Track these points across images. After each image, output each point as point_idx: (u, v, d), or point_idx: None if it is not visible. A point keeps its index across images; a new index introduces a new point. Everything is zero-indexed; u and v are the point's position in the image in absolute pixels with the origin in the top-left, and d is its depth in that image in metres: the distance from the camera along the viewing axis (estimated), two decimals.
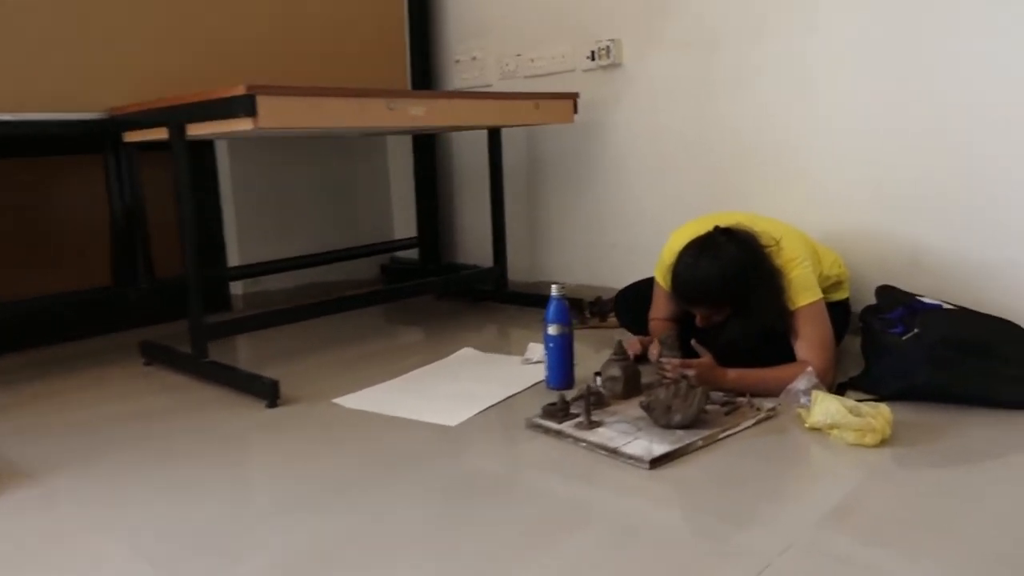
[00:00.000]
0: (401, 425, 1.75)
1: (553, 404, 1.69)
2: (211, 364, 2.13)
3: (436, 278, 3.00)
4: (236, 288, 3.20)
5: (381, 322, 2.93)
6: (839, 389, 1.82)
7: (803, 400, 1.67)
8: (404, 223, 3.58)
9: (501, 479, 1.45)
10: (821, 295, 1.85)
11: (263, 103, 1.82)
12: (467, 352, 2.34)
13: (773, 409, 1.69)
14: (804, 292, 1.82)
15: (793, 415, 1.66)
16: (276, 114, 1.86)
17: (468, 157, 3.27)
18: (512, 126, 2.79)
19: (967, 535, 1.18)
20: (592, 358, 2.07)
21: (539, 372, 1.99)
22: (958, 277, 2.13)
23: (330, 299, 2.58)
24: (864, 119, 2.25)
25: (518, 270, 3.18)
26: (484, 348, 2.34)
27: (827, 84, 2.30)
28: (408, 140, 3.32)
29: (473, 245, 3.33)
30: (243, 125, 1.84)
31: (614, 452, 1.50)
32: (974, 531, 1.19)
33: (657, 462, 1.45)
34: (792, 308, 1.81)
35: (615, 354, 1.83)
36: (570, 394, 1.74)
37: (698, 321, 1.87)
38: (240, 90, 1.80)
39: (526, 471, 1.48)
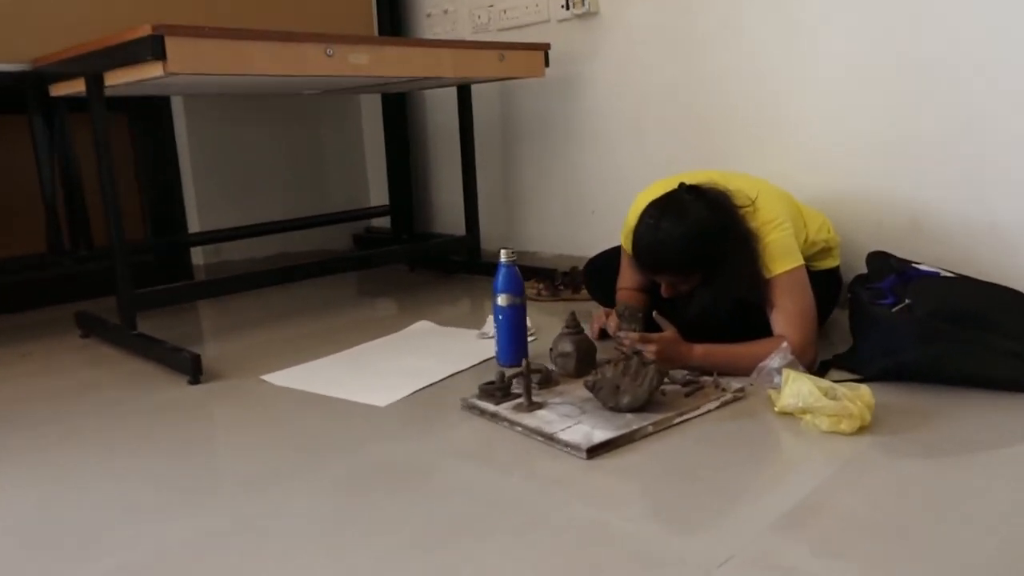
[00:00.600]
0: (326, 405, 1.58)
1: (491, 383, 1.50)
2: (139, 337, 1.96)
3: (400, 247, 2.81)
4: (198, 257, 3.03)
5: (351, 294, 2.76)
6: (822, 368, 1.62)
7: (776, 380, 1.47)
8: (380, 191, 3.38)
9: (416, 469, 1.27)
10: (802, 262, 1.64)
11: (173, 46, 1.63)
12: (423, 325, 2.15)
13: (741, 390, 1.49)
14: (782, 258, 1.61)
15: (764, 397, 1.46)
16: (189, 58, 1.66)
17: (442, 118, 3.07)
18: (478, 81, 2.58)
19: (943, 543, 0.98)
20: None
21: (493, 347, 1.80)
22: (962, 242, 1.91)
23: (273, 270, 2.41)
24: (859, 71, 2.02)
25: (493, 239, 2.98)
26: (455, 322, 2.15)
27: (819, 34, 2.07)
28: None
29: (449, 213, 3.14)
30: (152, 71, 1.66)
31: (550, 438, 1.31)
32: (953, 538, 0.99)
33: (596, 451, 1.26)
34: (768, 276, 1.60)
35: (567, 327, 1.64)
36: (513, 371, 1.54)
37: (663, 291, 1.67)
38: (146, 30, 1.61)
39: (447, 460, 1.29)
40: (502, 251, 1.72)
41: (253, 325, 2.30)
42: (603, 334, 1.85)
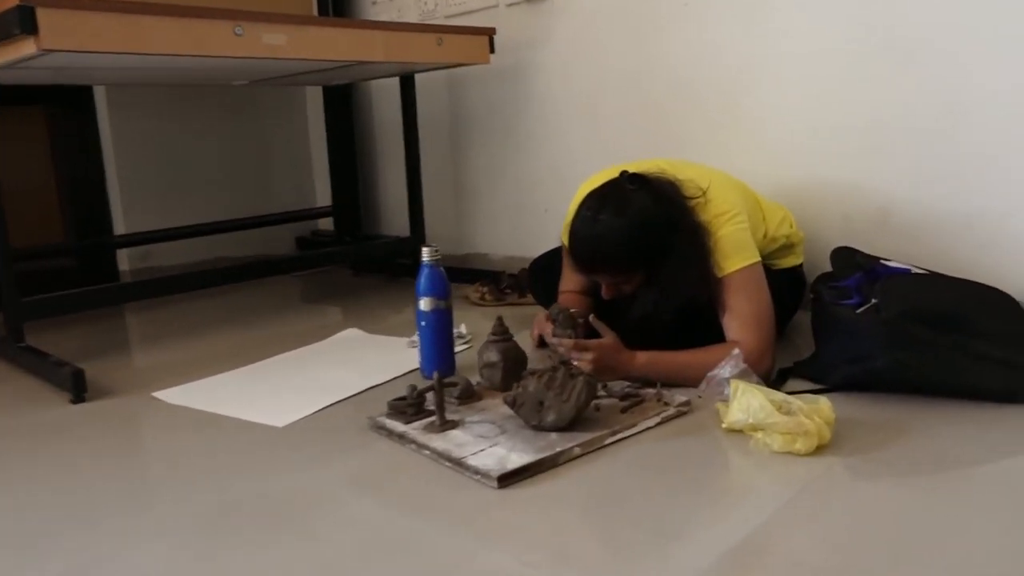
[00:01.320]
0: (217, 426, 1.38)
1: (402, 399, 1.31)
2: (26, 350, 1.75)
3: (339, 250, 2.62)
4: (125, 262, 2.81)
5: (290, 301, 2.55)
6: (780, 377, 1.44)
7: (726, 392, 1.29)
8: (328, 190, 3.18)
9: (300, 503, 1.07)
10: (757, 258, 1.46)
11: (46, 19, 1.43)
12: (350, 333, 1.96)
13: (687, 404, 1.31)
14: (735, 255, 1.43)
15: (712, 411, 1.28)
16: (67, 34, 1.46)
17: (388, 112, 2.87)
18: (419, 69, 2.39)
19: None
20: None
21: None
22: (935, 236, 1.74)
23: (185, 274, 2.22)
24: (826, 57, 1.85)
25: (443, 240, 2.77)
26: (396, 329, 1.95)
27: (784, 18, 1.90)
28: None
29: (397, 213, 2.94)
30: (25, 49, 1.45)
31: (458, 464, 1.12)
32: None
33: (509, 478, 1.07)
34: (720, 275, 1.42)
35: (494, 333, 1.45)
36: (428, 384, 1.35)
37: (603, 292, 1.49)
38: (12, 1, 1.41)
39: (339, 491, 1.10)
40: (424, 249, 1.53)
41: (174, 335, 2.10)
42: (544, 342, 1.67)
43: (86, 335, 2.09)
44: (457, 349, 1.74)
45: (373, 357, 1.73)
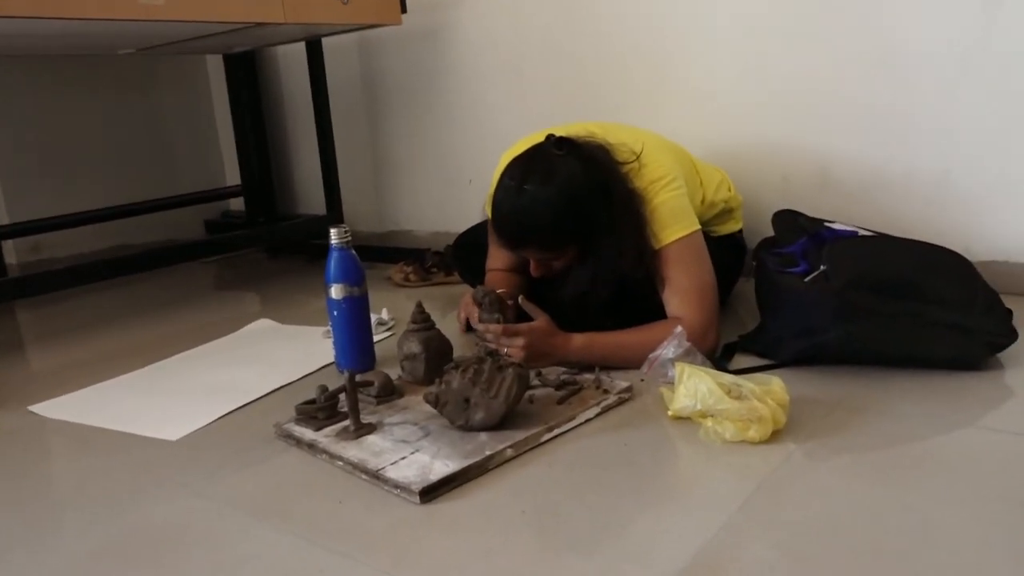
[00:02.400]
0: (101, 444, 1.21)
1: (311, 402, 1.16)
2: None
3: (248, 232, 2.42)
4: (12, 255, 2.55)
5: (199, 290, 2.34)
6: (726, 352, 1.34)
7: (670, 373, 1.18)
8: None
9: (190, 535, 0.92)
10: (697, 226, 1.35)
11: None
12: (260, 325, 1.79)
13: (628, 389, 1.20)
14: (673, 224, 1.32)
15: (656, 396, 1.17)
16: None
17: (297, 82, 2.66)
18: (326, 32, 2.20)
19: None
20: (439, 323, 1.54)
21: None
22: (878, 195, 1.67)
23: (62, 269, 1.99)
24: (758, 16, 1.75)
25: (364, 218, 2.62)
26: (315, 317, 1.77)
27: None
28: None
29: (314, 191, 2.74)
30: None
31: (375, 476, 0.98)
32: None
33: (432, 492, 0.94)
34: (657, 246, 1.31)
35: (413, 321, 1.31)
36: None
37: (532, 269, 1.36)
38: None
39: (235, 518, 0.95)
40: (332, 230, 1.37)
41: (68, 335, 1.89)
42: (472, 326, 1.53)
43: None
44: (378, 337, 1.60)
45: (285, 351, 1.57)
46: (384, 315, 1.70)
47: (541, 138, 1.34)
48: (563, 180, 1.25)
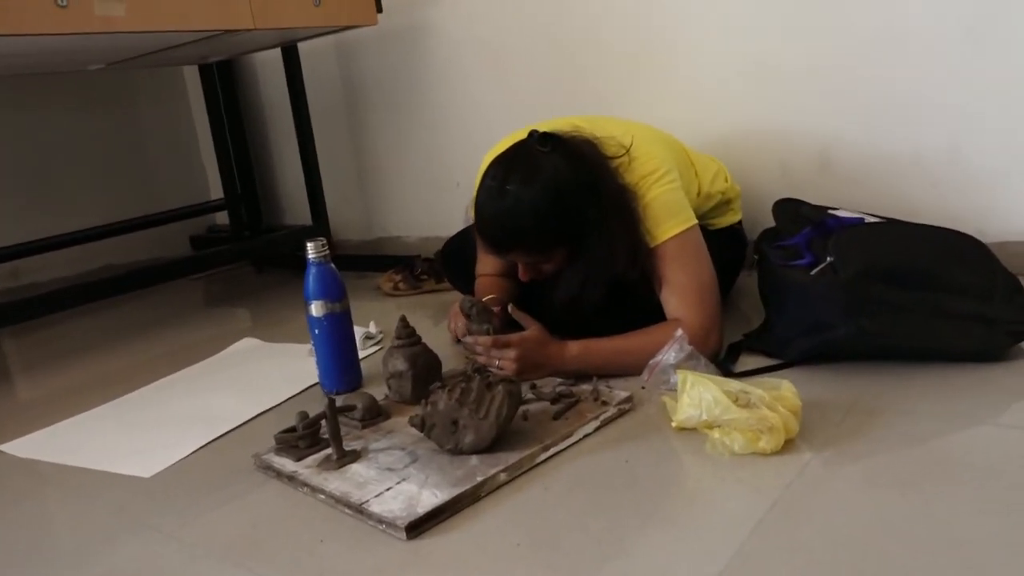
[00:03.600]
0: (72, 483, 1.14)
1: (291, 430, 1.09)
2: None
3: (232, 246, 2.35)
4: None
5: (190, 308, 2.27)
6: (730, 354, 1.27)
7: (672, 380, 1.11)
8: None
9: None
10: (694, 221, 1.27)
11: None
12: (245, 344, 1.71)
13: (628, 399, 1.12)
14: (668, 219, 1.24)
15: (659, 405, 1.10)
16: None
17: (277, 89, 2.59)
18: (300, 37, 2.13)
19: None
20: (435, 334, 1.48)
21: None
22: (882, 179, 1.59)
23: (40, 295, 1.91)
24: None
25: (352, 226, 2.55)
26: (302, 333, 1.69)
27: None
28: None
29: (299, 201, 2.66)
30: None
31: (359, 511, 0.91)
32: None
33: (419, 526, 0.86)
34: (652, 244, 1.23)
35: (398, 337, 1.23)
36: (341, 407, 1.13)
37: (520, 274, 1.29)
38: None
39: (206, 562, 0.88)
40: (308, 244, 1.30)
41: (49, 363, 1.83)
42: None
43: None
44: (365, 353, 1.53)
45: (268, 373, 1.50)
46: (372, 328, 1.62)
47: (524, 135, 1.27)
48: (548, 178, 1.18)
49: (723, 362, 1.22)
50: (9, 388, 1.69)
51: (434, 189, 2.32)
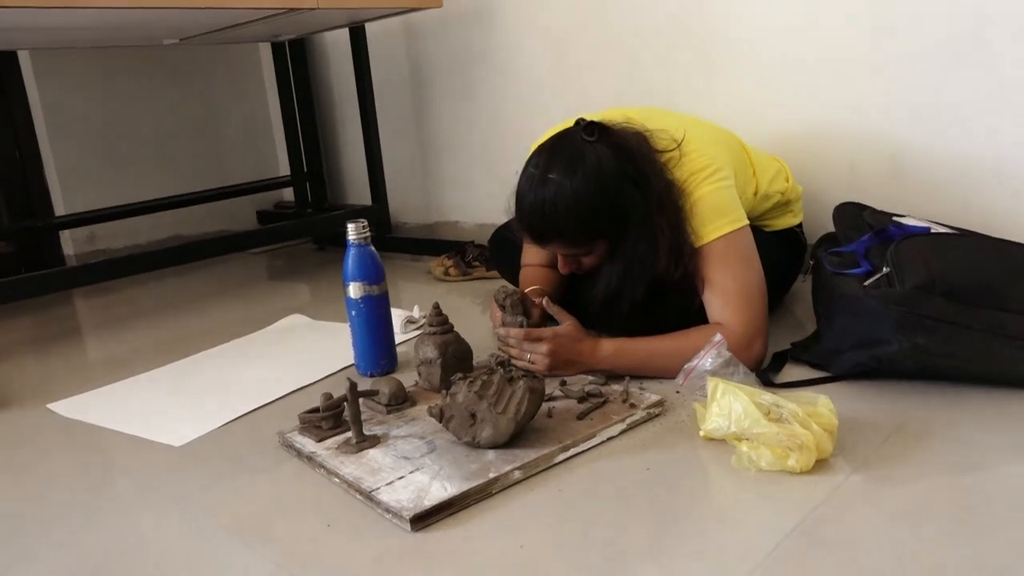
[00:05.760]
0: (107, 447, 1.17)
1: (314, 411, 1.09)
2: None
3: (294, 223, 2.39)
4: (69, 246, 2.59)
5: (252, 280, 2.31)
6: (775, 363, 1.21)
7: (708, 387, 1.06)
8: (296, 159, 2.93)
9: (164, 560, 0.86)
10: (744, 222, 1.22)
11: None
12: (292, 321, 1.74)
13: (659, 404, 1.08)
14: (716, 219, 1.19)
15: (690, 411, 1.06)
16: None
17: (348, 71, 2.60)
18: (367, 18, 2.13)
19: None
20: (479, 322, 1.47)
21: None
22: (958, 185, 1.49)
23: (110, 260, 1.98)
24: None
25: (411, 210, 2.56)
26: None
27: None
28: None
29: (362, 181, 2.69)
30: None
31: (368, 497, 0.90)
32: None
33: (425, 519, 0.85)
34: (697, 244, 1.18)
35: (431, 324, 1.22)
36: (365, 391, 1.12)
37: (560, 266, 1.26)
38: None
39: (218, 540, 0.88)
40: (349, 225, 1.29)
41: (114, 326, 1.89)
42: None
43: (23, 328, 1.94)
44: (406, 337, 1.53)
45: (311, 350, 1.51)
46: (415, 312, 1.62)
47: (572, 124, 1.23)
48: (591, 168, 1.14)
49: (765, 371, 1.16)
50: (71, 349, 1.75)
51: (492, 176, 2.30)
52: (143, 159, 2.69)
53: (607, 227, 1.17)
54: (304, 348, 1.54)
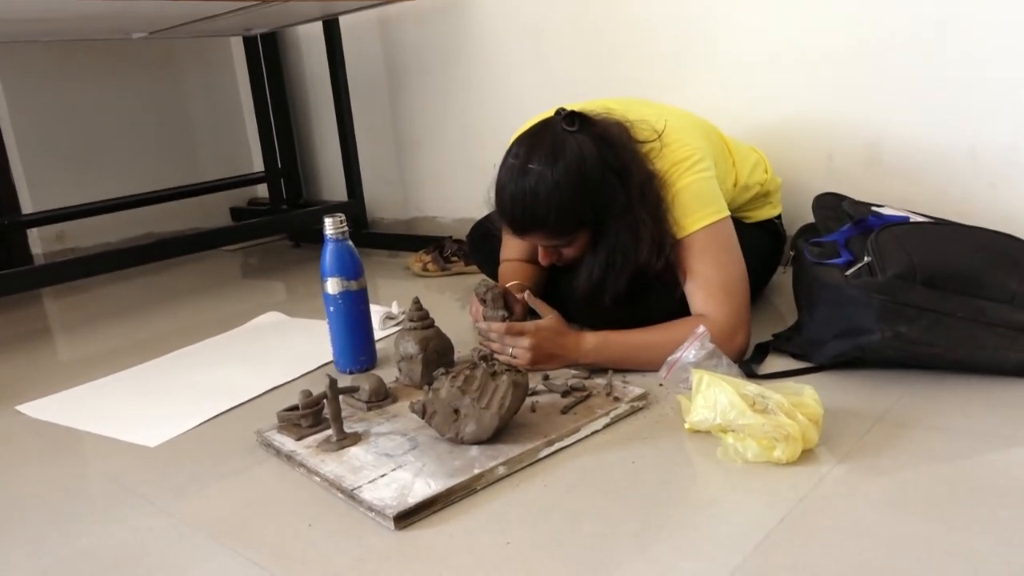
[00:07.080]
0: (78, 448, 1.14)
1: (293, 408, 1.06)
2: None
3: (266, 220, 2.35)
4: (37, 245, 2.54)
5: (224, 278, 2.27)
6: (757, 353, 1.21)
7: (691, 379, 1.05)
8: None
9: (140, 561, 0.83)
10: (725, 213, 1.21)
11: None
12: (268, 319, 1.71)
13: (643, 397, 1.07)
14: (698, 209, 1.18)
15: (674, 404, 1.05)
16: None
17: (321, 65, 2.57)
18: (342, 11, 2.11)
19: None
20: (458, 317, 1.45)
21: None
22: (935, 175, 1.50)
23: (79, 258, 1.93)
24: None
25: (388, 205, 2.54)
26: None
27: None
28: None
29: (338, 177, 2.66)
30: None
31: (350, 496, 0.88)
32: None
33: (408, 517, 0.83)
34: (679, 235, 1.17)
35: (411, 319, 1.20)
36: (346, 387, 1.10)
37: (540, 258, 1.25)
38: None
39: (194, 540, 0.86)
40: (326, 220, 1.27)
41: (84, 326, 1.85)
42: None
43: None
44: (385, 333, 1.51)
45: (287, 348, 1.49)
46: (394, 308, 1.60)
47: (551, 115, 1.22)
48: (572, 158, 1.13)
49: (747, 363, 1.15)
50: (41, 349, 1.71)
51: (470, 170, 2.29)
52: (113, 156, 2.64)
53: (588, 218, 1.16)
54: (281, 345, 1.51)
